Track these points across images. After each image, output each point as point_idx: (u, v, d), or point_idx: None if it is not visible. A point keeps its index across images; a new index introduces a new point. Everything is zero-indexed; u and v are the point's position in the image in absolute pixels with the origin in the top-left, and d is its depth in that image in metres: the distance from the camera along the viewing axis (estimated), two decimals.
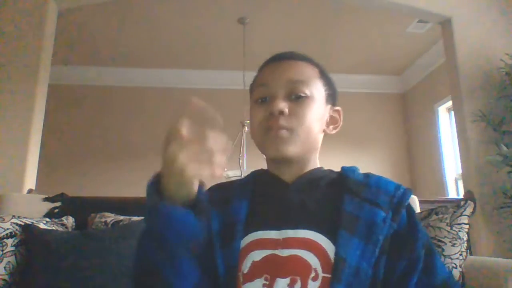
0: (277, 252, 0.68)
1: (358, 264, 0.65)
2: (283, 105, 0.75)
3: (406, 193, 0.73)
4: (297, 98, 0.77)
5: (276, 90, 0.77)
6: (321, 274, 0.65)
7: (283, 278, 0.65)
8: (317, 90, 0.79)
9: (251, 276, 0.67)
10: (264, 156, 0.81)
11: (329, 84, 0.83)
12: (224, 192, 0.80)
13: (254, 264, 0.68)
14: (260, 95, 0.79)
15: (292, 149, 0.75)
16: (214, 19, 3.88)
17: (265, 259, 0.68)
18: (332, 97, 0.84)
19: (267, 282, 0.65)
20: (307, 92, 0.77)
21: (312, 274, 0.65)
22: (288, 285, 0.64)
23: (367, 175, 0.78)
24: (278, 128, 0.74)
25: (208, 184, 0.65)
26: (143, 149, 4.74)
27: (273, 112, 0.75)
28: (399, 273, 0.67)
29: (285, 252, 0.67)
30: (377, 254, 0.67)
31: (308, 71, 0.80)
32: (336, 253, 0.66)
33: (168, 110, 4.90)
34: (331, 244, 0.67)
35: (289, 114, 0.75)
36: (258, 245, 0.70)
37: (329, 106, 0.83)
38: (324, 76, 0.83)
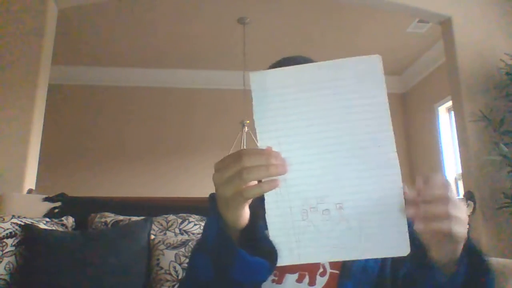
0: None
1: (365, 261, 0.68)
2: None
3: None
4: None
5: None
6: (329, 270, 0.68)
7: (291, 273, 0.68)
8: None
9: None
10: None
11: None
12: None
13: None
14: None
15: None
16: (214, 19, 3.88)
17: None
18: None
19: (276, 278, 0.67)
20: None
21: (320, 270, 0.68)
22: (296, 280, 0.67)
23: None
24: None
25: None
26: (143, 149, 4.75)
27: None
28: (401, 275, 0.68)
29: None
30: None
31: None
32: None
33: (168, 110, 4.92)
34: None
35: None
36: None
37: None
38: None
